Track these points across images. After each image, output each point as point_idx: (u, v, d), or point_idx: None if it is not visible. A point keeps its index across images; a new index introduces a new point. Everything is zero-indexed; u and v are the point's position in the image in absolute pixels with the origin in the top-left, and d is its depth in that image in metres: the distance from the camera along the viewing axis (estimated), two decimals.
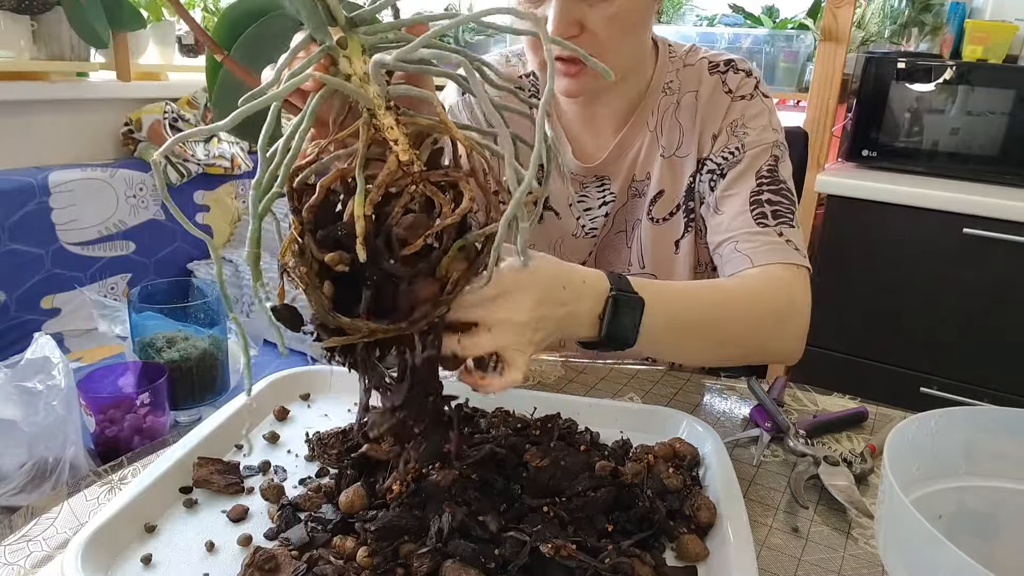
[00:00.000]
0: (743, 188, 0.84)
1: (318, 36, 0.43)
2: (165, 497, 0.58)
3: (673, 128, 0.90)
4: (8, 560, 0.53)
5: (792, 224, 0.82)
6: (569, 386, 0.81)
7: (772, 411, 0.73)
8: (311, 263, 0.43)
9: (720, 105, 0.88)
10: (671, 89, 0.91)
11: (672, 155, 0.91)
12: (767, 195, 0.83)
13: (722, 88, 0.89)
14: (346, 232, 0.42)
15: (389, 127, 0.42)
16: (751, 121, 0.87)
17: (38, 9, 1.60)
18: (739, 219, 0.83)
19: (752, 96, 0.88)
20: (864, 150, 1.87)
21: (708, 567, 0.52)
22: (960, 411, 0.54)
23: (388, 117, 0.42)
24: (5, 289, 1.54)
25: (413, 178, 0.42)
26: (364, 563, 0.49)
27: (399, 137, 0.42)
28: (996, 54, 1.80)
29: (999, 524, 0.55)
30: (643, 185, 0.93)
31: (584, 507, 0.54)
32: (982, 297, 1.67)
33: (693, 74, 0.90)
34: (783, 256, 0.79)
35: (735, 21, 2.16)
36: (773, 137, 0.86)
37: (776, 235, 0.80)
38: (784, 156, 0.87)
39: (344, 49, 0.43)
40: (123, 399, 1.02)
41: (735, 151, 0.86)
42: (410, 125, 0.43)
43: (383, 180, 0.41)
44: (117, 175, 1.73)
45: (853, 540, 0.59)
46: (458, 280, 0.45)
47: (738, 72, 0.89)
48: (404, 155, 0.42)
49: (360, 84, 0.42)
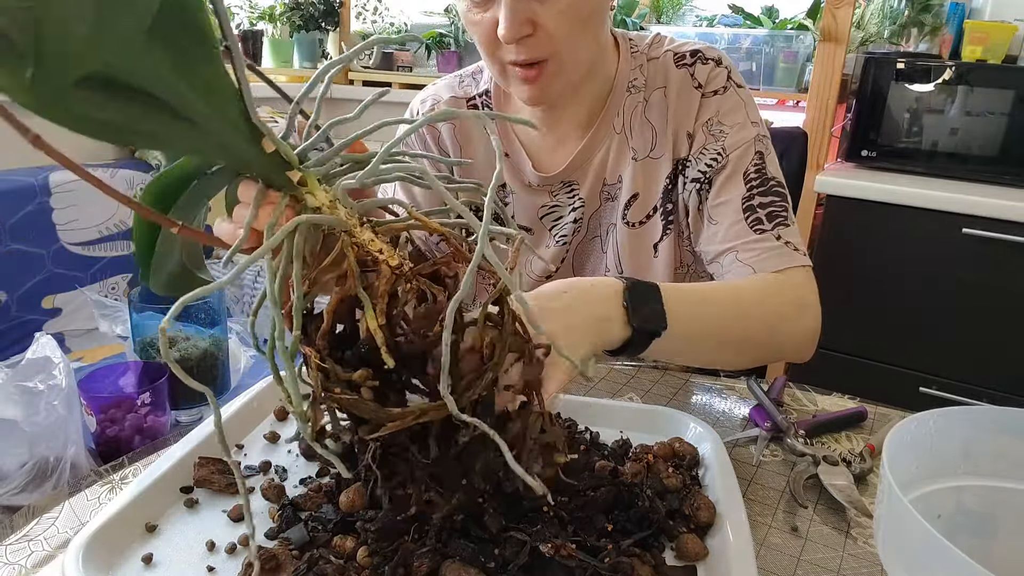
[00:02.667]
0: (733, 194, 0.82)
1: (277, 181, 0.45)
2: (166, 497, 0.58)
3: (644, 128, 0.88)
4: (9, 560, 0.54)
5: (788, 223, 0.81)
6: (569, 386, 0.81)
7: (771, 411, 0.74)
8: (340, 383, 0.44)
9: (691, 102, 0.85)
10: (636, 87, 0.88)
11: (646, 157, 0.88)
12: (758, 199, 0.81)
13: (691, 83, 0.85)
14: (368, 347, 0.44)
15: (370, 240, 0.44)
16: (727, 118, 0.84)
17: None
18: (735, 228, 0.81)
19: (725, 89, 0.84)
20: (863, 150, 1.87)
21: (708, 567, 0.52)
22: (959, 411, 0.54)
23: (366, 232, 0.44)
24: (6, 289, 1.54)
25: (406, 277, 0.44)
26: (364, 563, 0.49)
27: (382, 247, 0.44)
28: (995, 54, 1.80)
29: (998, 524, 0.55)
30: (615, 189, 0.91)
31: (584, 507, 0.54)
32: (981, 297, 1.67)
33: (659, 68, 0.87)
34: (786, 260, 0.78)
35: (735, 21, 2.16)
36: (753, 132, 0.83)
37: (775, 239, 0.80)
38: (768, 148, 0.84)
39: (305, 187, 0.45)
40: (124, 399, 1.02)
41: (717, 156, 0.83)
42: (387, 232, 0.46)
43: (384, 289, 0.43)
44: (117, 175, 1.73)
45: (852, 540, 0.59)
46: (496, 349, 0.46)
47: (706, 63, 0.85)
48: (393, 260, 0.44)
49: (330, 211, 0.45)
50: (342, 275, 0.44)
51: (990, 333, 1.67)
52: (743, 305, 0.74)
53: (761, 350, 0.76)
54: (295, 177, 0.45)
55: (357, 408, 0.44)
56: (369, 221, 0.46)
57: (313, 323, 0.45)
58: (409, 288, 0.44)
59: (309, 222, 0.43)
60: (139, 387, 1.07)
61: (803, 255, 0.80)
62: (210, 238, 0.48)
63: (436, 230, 0.46)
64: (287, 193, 0.45)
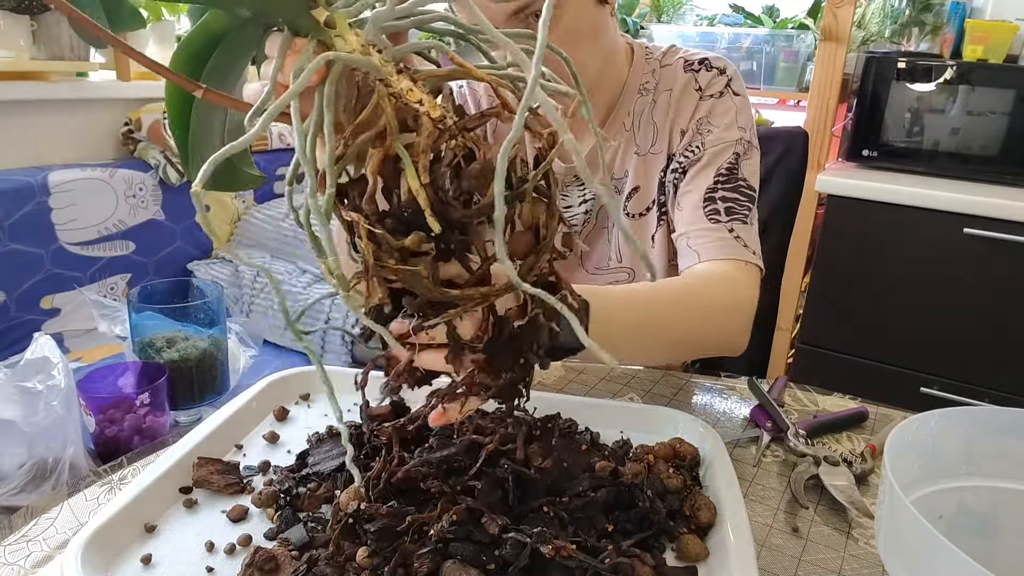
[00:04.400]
0: (700, 184, 0.86)
1: (302, 23, 0.41)
2: (165, 497, 0.58)
3: (648, 126, 0.93)
4: (8, 560, 0.53)
5: (746, 221, 0.84)
6: (569, 386, 0.81)
7: (773, 411, 0.73)
8: (392, 252, 0.40)
9: (689, 103, 0.90)
10: (647, 89, 0.93)
11: (647, 152, 0.93)
12: (722, 192, 0.85)
13: (693, 86, 0.90)
14: (412, 210, 0.39)
15: (408, 90, 0.39)
16: (716, 119, 0.88)
17: (38, 9, 1.60)
18: (692, 214, 0.85)
19: (721, 94, 0.89)
20: (864, 150, 1.87)
21: (708, 567, 0.52)
22: (960, 411, 0.54)
23: (404, 80, 0.39)
24: (5, 289, 1.53)
25: (451, 132, 0.39)
26: (364, 563, 0.49)
27: (423, 97, 0.39)
28: (996, 54, 1.80)
29: (999, 524, 0.55)
30: (621, 182, 0.95)
31: (584, 507, 0.54)
32: (983, 297, 1.67)
33: (669, 73, 0.92)
34: (731, 252, 0.81)
35: (735, 21, 2.16)
36: (736, 135, 0.87)
37: (727, 231, 0.82)
38: (749, 154, 0.88)
39: (334, 29, 0.40)
40: (123, 399, 1.02)
41: (696, 149, 0.88)
42: (427, 81, 0.40)
43: (426, 144, 0.38)
44: (117, 175, 1.73)
45: (853, 540, 0.59)
46: (547, 223, 0.42)
47: (711, 70, 0.90)
48: (435, 112, 0.38)
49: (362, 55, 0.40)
50: (380, 133, 0.39)
51: (992, 333, 1.67)
52: (673, 307, 0.75)
53: (687, 347, 0.79)
54: (321, 17, 0.40)
55: (413, 282, 0.39)
56: (407, 68, 0.40)
57: (356, 189, 0.41)
58: (454, 145, 0.39)
59: (337, 60, 0.38)
60: (138, 387, 1.07)
61: (752, 253, 0.82)
62: (236, 102, 0.43)
63: (482, 79, 0.40)
64: (314, 37, 0.40)
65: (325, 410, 0.73)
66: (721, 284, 0.79)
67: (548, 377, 0.83)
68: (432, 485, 0.53)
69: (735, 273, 0.80)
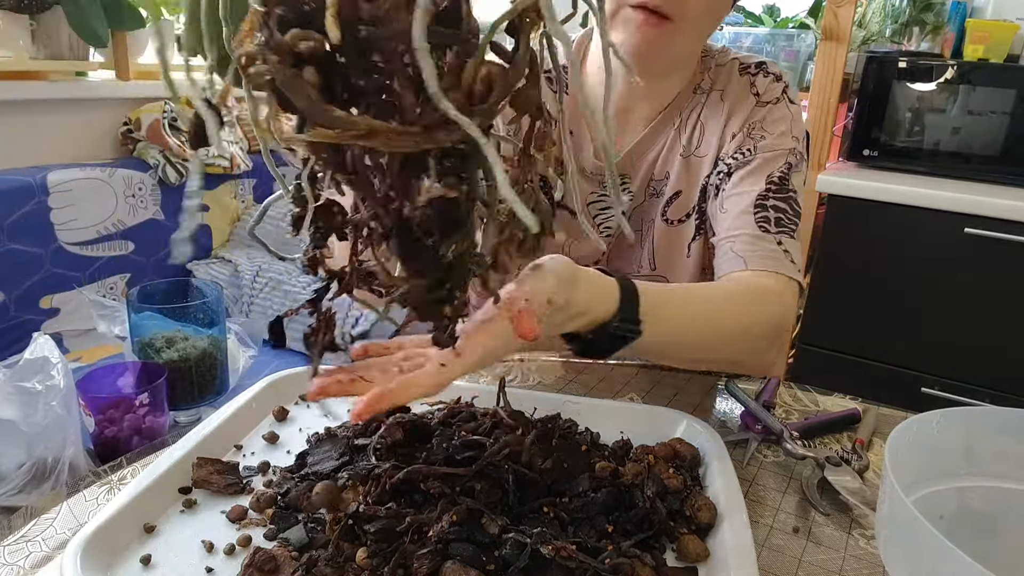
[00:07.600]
0: (751, 189, 0.83)
1: None
2: (164, 497, 0.58)
3: (695, 126, 0.90)
4: (7, 560, 0.53)
5: (793, 236, 0.81)
6: (569, 386, 0.81)
7: (759, 413, 0.73)
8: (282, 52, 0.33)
9: (745, 107, 0.87)
10: (703, 89, 0.90)
11: (691, 154, 0.90)
12: (774, 201, 0.82)
13: (750, 90, 0.88)
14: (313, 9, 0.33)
15: None
16: (770, 125, 0.86)
17: (37, 8, 1.60)
18: (741, 219, 0.81)
19: (778, 101, 0.87)
20: (865, 150, 1.87)
21: (708, 567, 0.52)
22: (961, 411, 0.54)
23: None
24: (4, 289, 1.53)
25: None
26: (363, 564, 0.49)
27: None
28: (997, 53, 1.80)
29: (999, 524, 0.55)
30: (661, 185, 0.92)
31: (584, 508, 0.54)
32: (983, 297, 1.67)
33: (723, 74, 0.90)
34: (778, 266, 0.78)
35: (736, 20, 2.16)
36: (790, 144, 0.85)
37: (775, 243, 0.79)
38: (799, 166, 0.85)
39: None
40: (122, 399, 1.02)
41: (747, 152, 0.85)
42: None
43: None
44: (116, 175, 1.73)
45: (854, 540, 0.59)
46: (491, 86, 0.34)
47: (768, 75, 0.88)
48: None
49: None
50: None
51: (993, 333, 1.67)
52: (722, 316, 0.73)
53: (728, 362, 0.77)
54: None
55: (293, 89, 0.33)
56: None
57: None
58: None
59: None
60: (137, 387, 1.06)
61: (796, 269, 0.80)
62: None
63: None
64: None
65: (325, 410, 0.73)
66: (770, 300, 0.77)
67: (548, 377, 0.83)
68: (432, 486, 0.53)
69: (781, 288, 0.78)
